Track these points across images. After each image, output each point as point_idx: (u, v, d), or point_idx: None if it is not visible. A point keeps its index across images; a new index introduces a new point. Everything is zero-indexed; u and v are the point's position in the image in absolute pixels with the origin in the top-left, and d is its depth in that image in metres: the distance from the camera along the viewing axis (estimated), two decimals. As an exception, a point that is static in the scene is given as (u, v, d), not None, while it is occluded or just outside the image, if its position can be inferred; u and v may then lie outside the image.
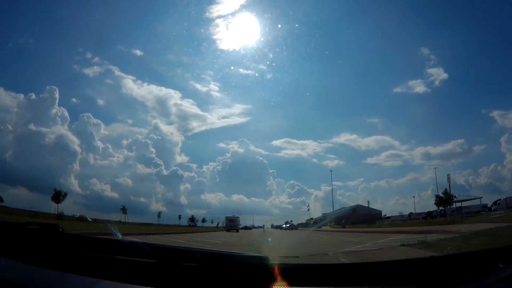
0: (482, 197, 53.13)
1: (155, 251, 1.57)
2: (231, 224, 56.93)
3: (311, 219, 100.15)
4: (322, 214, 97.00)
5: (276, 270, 1.41)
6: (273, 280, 1.39)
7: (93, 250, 1.63)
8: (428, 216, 56.37)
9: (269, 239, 23.26)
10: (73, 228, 15.18)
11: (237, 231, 53.34)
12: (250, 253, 1.61)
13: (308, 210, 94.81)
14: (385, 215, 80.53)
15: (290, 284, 1.38)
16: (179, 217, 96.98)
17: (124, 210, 77.81)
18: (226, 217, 61.18)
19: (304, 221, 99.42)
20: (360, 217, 72.53)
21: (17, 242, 1.79)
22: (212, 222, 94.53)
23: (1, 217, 21.54)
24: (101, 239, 1.73)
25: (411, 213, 73.66)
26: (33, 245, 1.73)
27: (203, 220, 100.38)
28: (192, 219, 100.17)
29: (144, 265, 1.51)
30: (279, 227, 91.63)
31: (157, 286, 1.40)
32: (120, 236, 3.71)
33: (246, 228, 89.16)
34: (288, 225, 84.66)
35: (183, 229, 49.10)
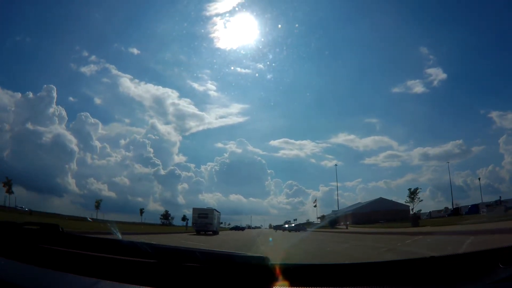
0: None
1: (155, 251, 1.57)
2: (202, 222, 36.28)
3: (323, 216, 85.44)
4: (332, 211, 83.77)
5: (277, 270, 1.41)
6: (273, 280, 1.39)
7: (93, 250, 1.63)
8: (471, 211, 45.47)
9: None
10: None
11: (214, 233, 36.91)
12: (251, 253, 1.61)
13: (315, 206, 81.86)
14: (420, 210, 64.87)
15: (290, 284, 1.38)
16: (141, 211, 79.20)
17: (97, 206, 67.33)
18: (194, 210, 38.61)
19: (304, 221, 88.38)
20: (384, 214, 59.31)
21: (17, 242, 1.79)
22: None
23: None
24: (101, 239, 1.73)
25: (431, 212, 63.97)
26: (33, 245, 1.73)
27: (184, 218, 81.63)
28: (166, 216, 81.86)
29: (144, 265, 1.51)
30: (279, 227, 76.25)
31: (157, 286, 1.40)
32: (120, 236, 3.71)
33: (237, 228, 76.41)
34: (292, 224, 66.71)
35: (125, 228, 27.82)
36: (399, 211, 62.20)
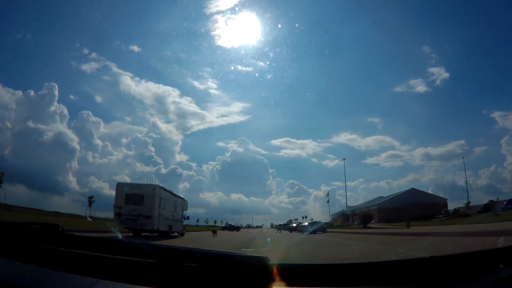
0: None
1: (155, 251, 1.57)
2: (133, 211, 19.48)
3: (342, 211, 73.10)
4: (348, 207, 72.56)
5: (276, 270, 1.41)
6: (272, 280, 1.39)
7: (93, 250, 1.63)
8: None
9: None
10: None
11: (164, 235, 21.26)
12: (250, 253, 1.61)
13: (328, 202, 71.78)
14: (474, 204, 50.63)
15: (289, 284, 1.38)
16: (90, 200, 62.57)
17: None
18: (119, 186, 20.86)
19: (308, 221, 63.36)
20: (419, 209, 47.93)
21: (17, 242, 1.79)
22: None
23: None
24: (101, 239, 1.73)
25: (458, 208, 51.83)
26: (33, 245, 1.73)
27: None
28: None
29: (144, 265, 1.51)
30: (284, 227, 60.39)
31: (157, 286, 1.40)
32: (120, 235, 3.71)
33: (230, 228, 65.38)
34: (304, 223, 45.61)
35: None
36: (436, 205, 51.68)
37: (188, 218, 29.89)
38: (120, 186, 21.01)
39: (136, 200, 19.91)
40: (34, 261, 1.60)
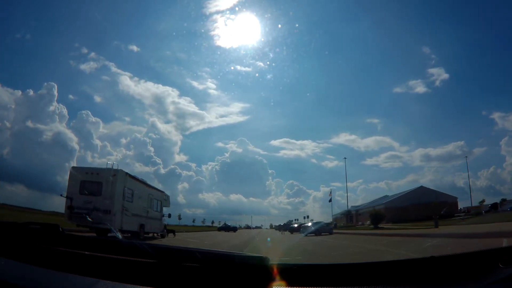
0: None
1: (155, 251, 1.57)
2: (88, 203, 14.97)
3: (347, 211, 69.32)
4: (352, 206, 71.01)
5: (276, 270, 1.41)
6: (272, 280, 1.39)
7: (93, 250, 1.63)
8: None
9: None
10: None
11: (136, 236, 17.23)
12: (250, 253, 1.61)
13: (330, 201, 69.51)
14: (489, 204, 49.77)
15: (290, 284, 1.38)
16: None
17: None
18: (75, 171, 16.25)
19: (310, 221, 54.79)
20: (429, 208, 44.28)
21: (17, 242, 1.79)
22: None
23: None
24: (101, 239, 1.73)
25: (469, 208, 52.83)
26: (33, 245, 1.73)
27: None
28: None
29: (144, 265, 1.51)
30: (285, 227, 55.89)
31: (157, 286, 1.40)
32: (120, 236, 3.71)
33: (226, 228, 60.86)
34: (308, 224, 41.69)
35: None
36: (446, 204, 48.95)
37: (170, 216, 24.22)
38: (74, 170, 16.35)
39: (92, 189, 15.40)
40: (34, 261, 1.60)
